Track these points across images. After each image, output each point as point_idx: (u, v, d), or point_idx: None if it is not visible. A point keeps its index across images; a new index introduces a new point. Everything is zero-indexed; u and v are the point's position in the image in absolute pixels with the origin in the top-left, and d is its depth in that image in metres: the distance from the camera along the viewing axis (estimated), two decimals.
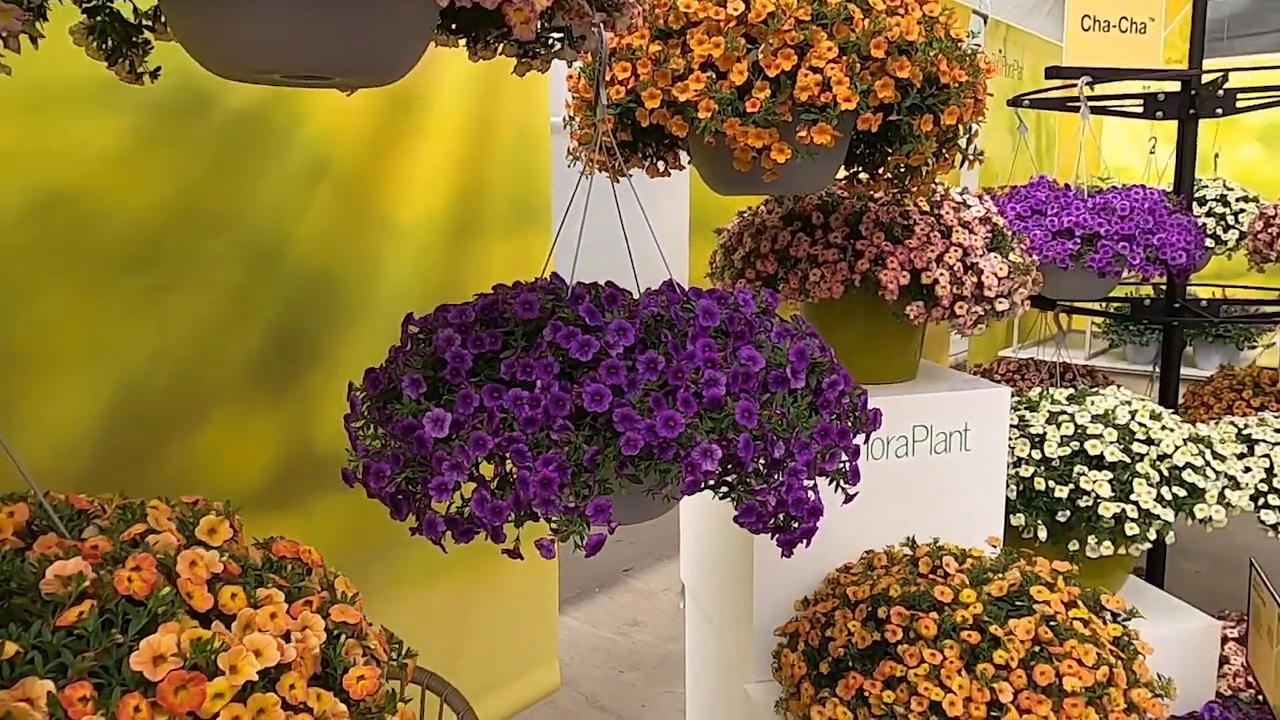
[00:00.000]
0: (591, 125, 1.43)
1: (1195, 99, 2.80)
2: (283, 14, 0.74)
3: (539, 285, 1.16)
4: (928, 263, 1.67)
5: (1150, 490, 1.88)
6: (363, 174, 1.75)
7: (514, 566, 2.18)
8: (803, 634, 1.58)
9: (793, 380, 1.09)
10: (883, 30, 1.21)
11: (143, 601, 0.65)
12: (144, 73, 0.99)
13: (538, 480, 0.95)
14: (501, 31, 0.89)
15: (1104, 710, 1.35)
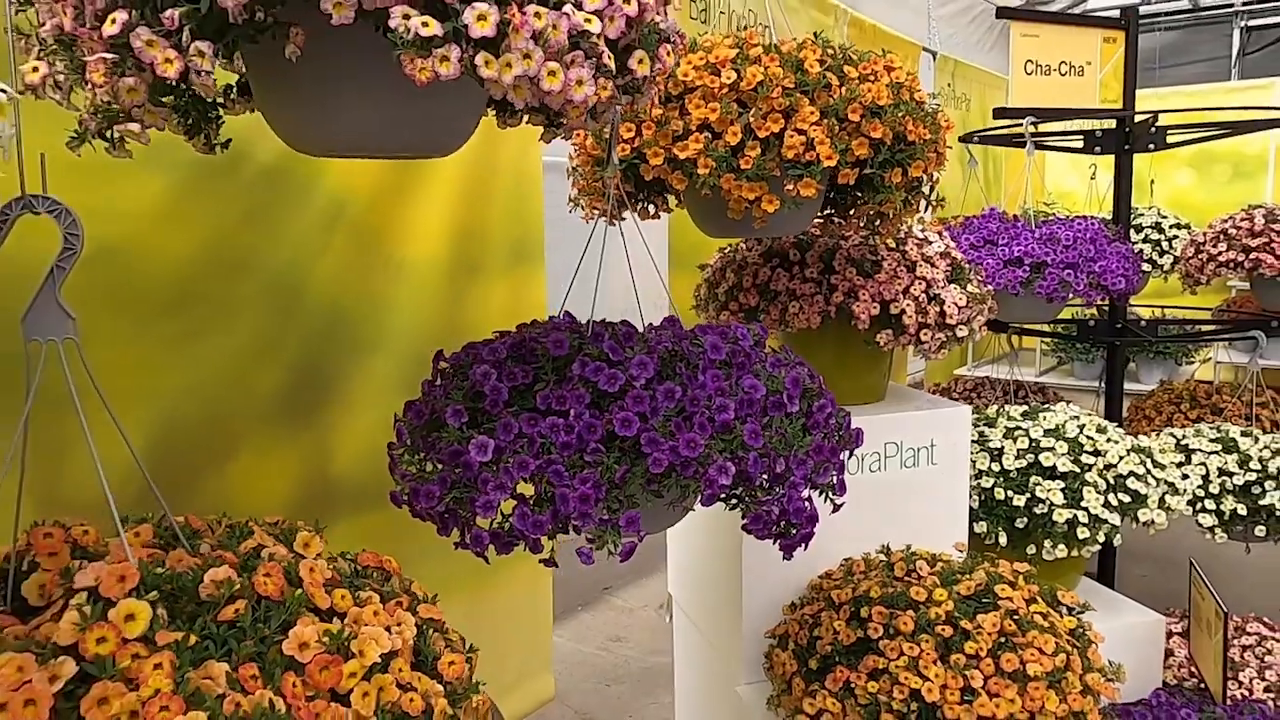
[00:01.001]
0: (597, 178, 1.59)
1: (1129, 136, 3.05)
2: (373, 112, 0.88)
3: (563, 325, 1.31)
4: (895, 295, 1.84)
5: (1098, 497, 2.06)
6: (374, 219, 1.88)
7: (511, 584, 2.31)
8: (792, 634, 1.73)
9: (789, 405, 1.24)
10: (857, 96, 1.39)
11: (278, 601, 0.78)
12: (217, 144, 1.12)
13: (577, 496, 1.09)
14: (548, 116, 1.04)
15: (1063, 692, 1.52)
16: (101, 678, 0.66)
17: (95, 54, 0.76)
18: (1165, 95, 6.59)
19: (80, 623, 0.68)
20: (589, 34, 0.82)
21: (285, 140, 0.98)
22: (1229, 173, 6.65)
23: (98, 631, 0.68)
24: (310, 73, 0.83)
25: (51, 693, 0.63)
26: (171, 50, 0.73)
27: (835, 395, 1.48)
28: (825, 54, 1.44)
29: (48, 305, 0.88)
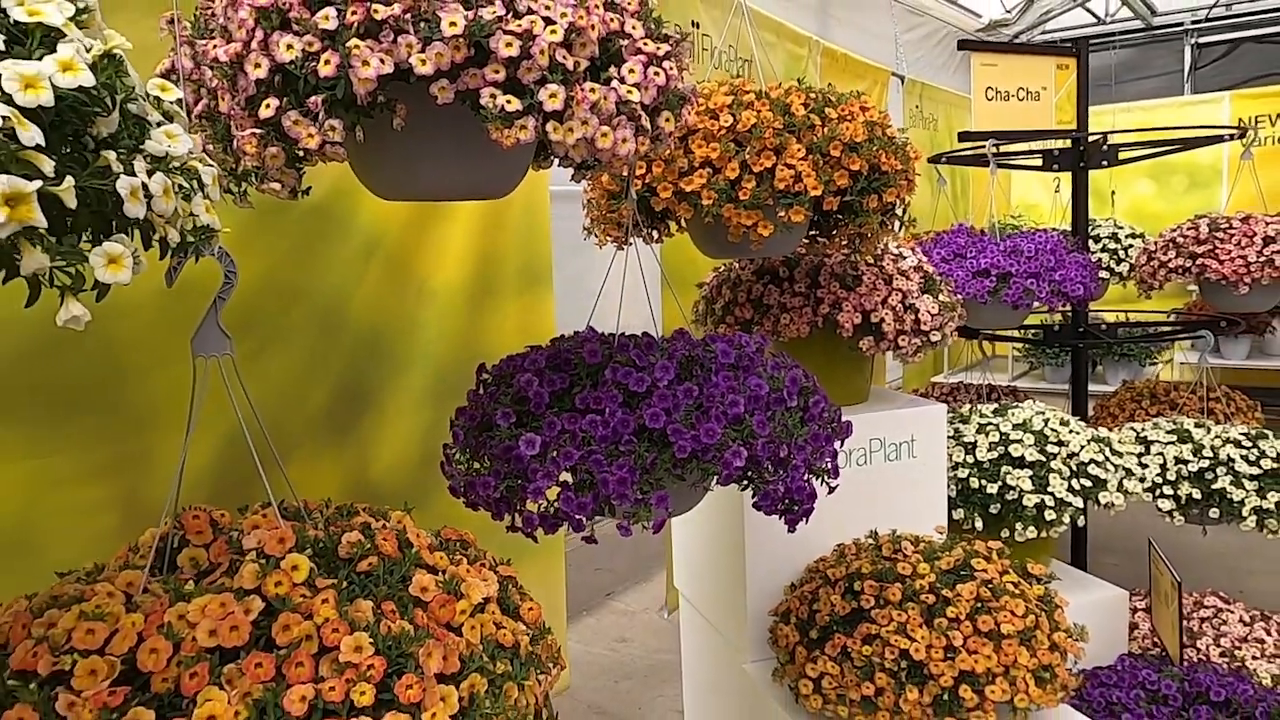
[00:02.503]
0: (611, 209, 1.80)
1: (1084, 154, 3.30)
2: (452, 165, 1.09)
3: (593, 338, 1.52)
4: (875, 305, 2.06)
5: (1063, 483, 2.29)
6: (405, 250, 2.09)
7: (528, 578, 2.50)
8: (793, 610, 1.94)
9: (789, 400, 1.45)
10: (837, 135, 1.61)
11: (396, 559, 0.98)
12: (300, 191, 1.32)
13: (615, 480, 1.29)
14: (584, 162, 1.25)
15: (1033, 649, 1.73)
16: (282, 610, 0.85)
17: (246, 129, 0.96)
18: (1122, 110, 6.92)
19: (260, 571, 0.88)
20: (630, 102, 1.03)
21: (371, 188, 1.18)
22: (1186, 182, 6.97)
23: (275, 577, 0.87)
24: (404, 137, 1.04)
25: (249, 621, 0.83)
26: (313, 127, 0.94)
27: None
28: (809, 98, 1.67)
29: (210, 328, 1.07)
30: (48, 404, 1.50)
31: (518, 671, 0.94)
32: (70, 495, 1.54)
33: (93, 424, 1.56)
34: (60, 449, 1.52)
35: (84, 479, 1.56)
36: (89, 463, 1.56)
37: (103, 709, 0.77)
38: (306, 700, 0.79)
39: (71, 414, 1.53)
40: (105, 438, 1.58)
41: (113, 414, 1.59)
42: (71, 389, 1.53)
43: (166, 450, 1.66)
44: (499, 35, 0.93)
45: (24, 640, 0.86)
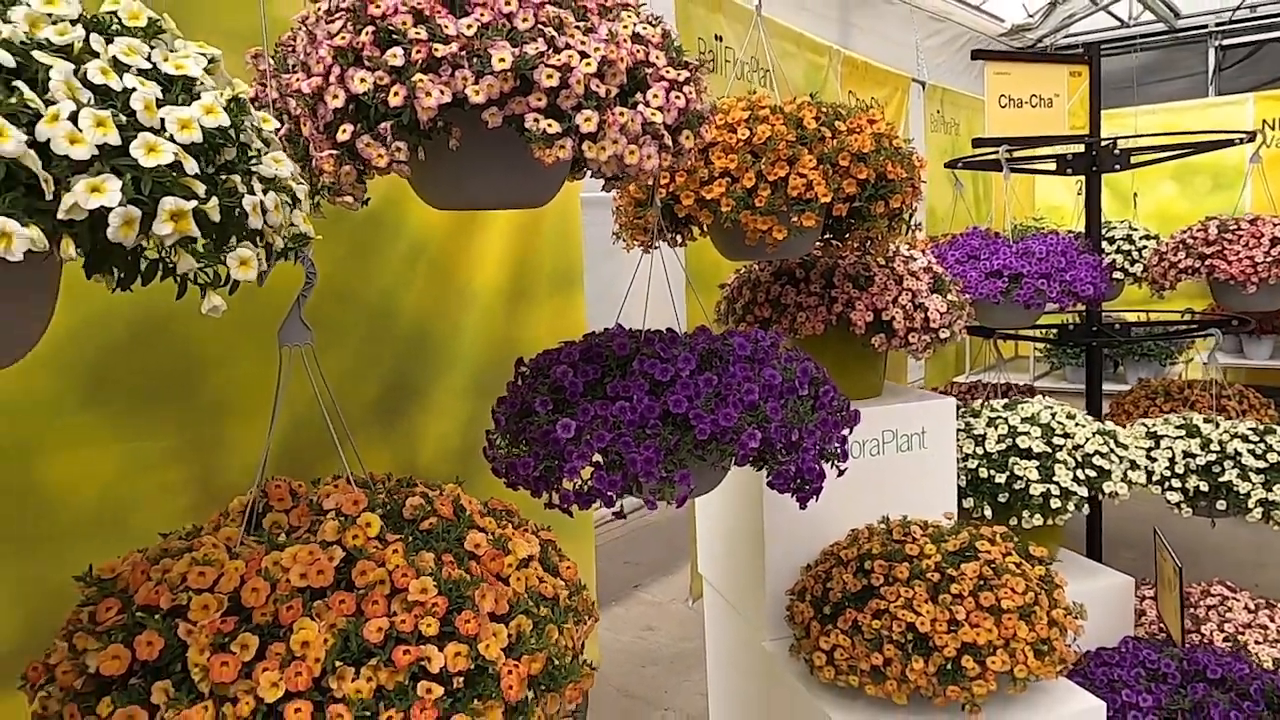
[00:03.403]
0: (638, 215, 1.95)
1: (1096, 158, 3.41)
2: (499, 179, 1.24)
3: (622, 332, 1.66)
4: (886, 304, 2.20)
5: (1068, 473, 2.41)
6: (448, 255, 2.25)
7: None
8: (808, 588, 2.07)
9: (800, 389, 1.59)
10: (846, 146, 1.75)
11: (452, 520, 1.14)
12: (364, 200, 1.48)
13: (643, 460, 1.44)
14: (616, 177, 1.40)
15: (1032, 624, 1.86)
16: (360, 559, 1.01)
17: (324, 151, 1.12)
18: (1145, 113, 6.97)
19: (340, 527, 1.03)
20: (654, 123, 1.18)
21: (426, 199, 1.34)
22: (1209, 184, 7.00)
23: (352, 531, 1.03)
24: (458, 155, 1.20)
25: (332, 567, 0.99)
26: (382, 148, 1.09)
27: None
28: (820, 111, 1.81)
29: (294, 321, 1.23)
30: (135, 393, 1.67)
31: (558, 617, 1.09)
32: (153, 476, 1.71)
33: (173, 412, 1.74)
34: (145, 434, 1.70)
35: (165, 462, 1.73)
36: (169, 447, 1.73)
37: (216, 634, 0.92)
38: (382, 630, 0.94)
39: (155, 403, 1.71)
40: (183, 424, 1.75)
41: (190, 403, 1.76)
42: (155, 380, 1.70)
43: (236, 437, 1.83)
44: (541, 68, 1.09)
45: (145, 582, 1.02)
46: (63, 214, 0.64)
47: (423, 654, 0.93)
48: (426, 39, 1.06)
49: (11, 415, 1.52)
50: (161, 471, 1.73)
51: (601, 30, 1.16)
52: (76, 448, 1.61)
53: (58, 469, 1.59)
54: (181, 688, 0.91)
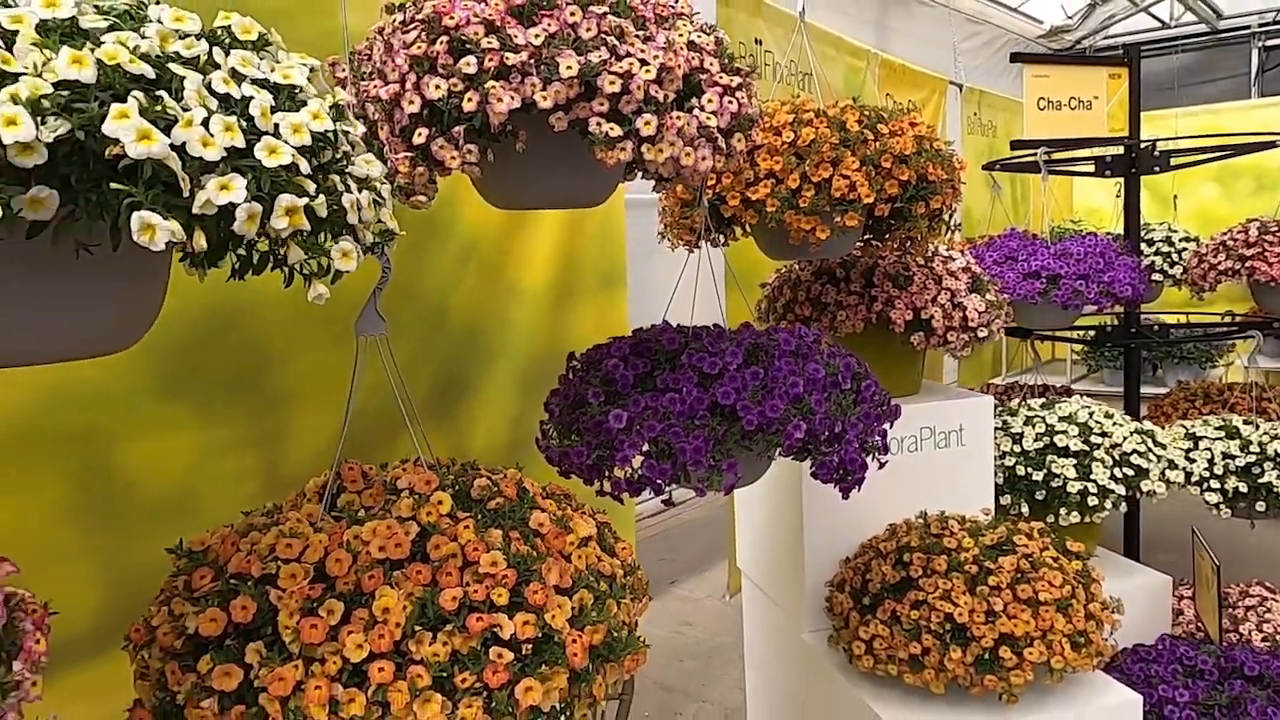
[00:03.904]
0: (684, 215, 2.02)
1: (1136, 160, 3.42)
2: (561, 180, 1.31)
3: (670, 328, 1.73)
4: (925, 303, 2.24)
5: (1106, 471, 2.43)
6: (498, 254, 2.33)
7: None
8: (848, 580, 2.12)
9: (842, 383, 1.65)
10: (888, 148, 1.80)
11: (516, 500, 1.21)
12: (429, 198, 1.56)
13: (692, 449, 1.50)
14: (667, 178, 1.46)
15: (1069, 616, 1.90)
16: (434, 533, 1.08)
17: (399, 153, 1.20)
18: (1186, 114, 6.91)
19: (414, 504, 1.11)
20: (709, 127, 1.25)
21: (488, 199, 1.41)
22: (1252, 186, 6.93)
23: (426, 508, 1.10)
24: (522, 157, 1.27)
25: (408, 540, 1.06)
26: (455, 151, 1.17)
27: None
28: (863, 115, 1.86)
29: (370, 313, 1.31)
30: (208, 384, 1.76)
31: (615, 592, 1.15)
32: (224, 463, 1.80)
33: (242, 402, 1.83)
34: (217, 423, 1.79)
35: (235, 449, 1.82)
36: (239, 436, 1.82)
37: (305, 599, 1.00)
38: (457, 599, 1.01)
39: (226, 394, 1.80)
40: (252, 415, 1.84)
41: (259, 394, 1.85)
42: (226, 372, 1.79)
43: (300, 426, 1.92)
44: (604, 75, 1.15)
45: (235, 553, 1.10)
46: (196, 209, 0.71)
47: (494, 621, 1.00)
48: (498, 48, 1.13)
49: (99, 403, 1.61)
50: (231, 458, 1.82)
51: (659, 39, 1.22)
52: (155, 435, 1.70)
53: (138, 454, 1.68)
54: (273, 648, 0.99)
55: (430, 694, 0.95)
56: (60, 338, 0.82)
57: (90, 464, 1.62)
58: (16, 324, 0.78)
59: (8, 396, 1.52)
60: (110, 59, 0.70)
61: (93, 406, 1.61)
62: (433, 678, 0.96)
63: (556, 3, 1.19)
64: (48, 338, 0.80)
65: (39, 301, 0.78)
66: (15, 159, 0.65)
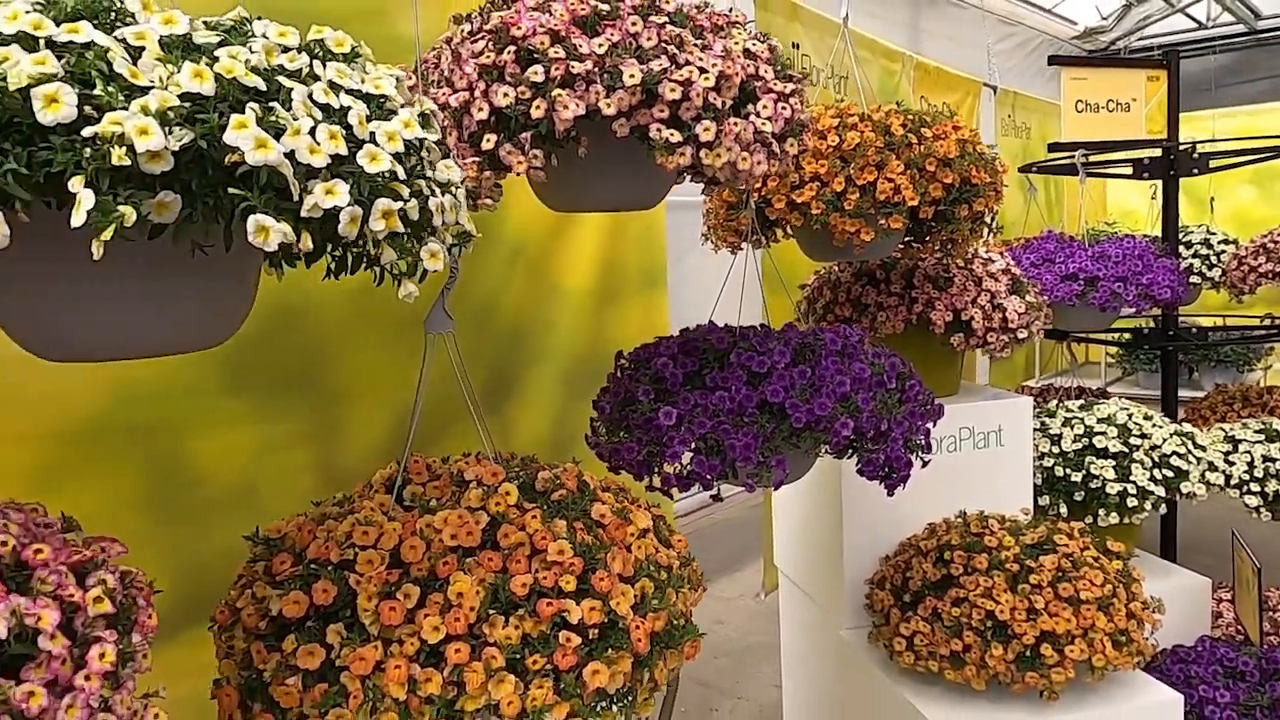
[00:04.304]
0: (729, 218, 2.05)
1: (1174, 163, 3.41)
2: (619, 184, 1.36)
3: (717, 328, 1.77)
4: (965, 305, 2.26)
5: (1145, 472, 2.44)
6: (543, 256, 2.38)
7: None
8: (888, 577, 2.15)
9: (888, 382, 1.68)
10: (932, 152, 1.83)
11: (578, 493, 1.25)
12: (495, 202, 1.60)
13: (741, 445, 1.54)
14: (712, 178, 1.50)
15: (1110, 615, 1.91)
16: (502, 523, 1.13)
17: (468, 158, 1.25)
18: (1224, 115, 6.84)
19: (483, 495, 1.16)
20: (764, 132, 1.29)
21: (546, 202, 1.46)
22: None
23: (495, 498, 1.15)
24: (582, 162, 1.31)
25: (479, 529, 1.11)
26: (521, 156, 1.22)
27: None
28: (907, 119, 1.89)
29: (438, 311, 1.36)
30: (269, 381, 1.83)
31: (674, 582, 1.19)
32: (283, 458, 1.86)
33: (300, 399, 1.89)
34: (276, 419, 1.85)
35: (293, 444, 1.88)
36: (297, 431, 1.88)
37: (384, 584, 1.05)
38: (527, 585, 1.06)
39: (285, 390, 1.86)
40: (309, 410, 1.90)
41: (316, 391, 1.91)
42: (286, 369, 1.86)
43: (355, 422, 1.98)
44: (665, 83, 1.20)
45: (312, 540, 1.15)
46: (305, 212, 0.76)
47: (563, 607, 1.05)
48: (564, 57, 1.18)
49: (166, 398, 1.68)
50: (290, 453, 1.88)
51: (716, 47, 1.26)
52: (219, 429, 1.76)
53: (203, 448, 1.75)
54: (352, 630, 1.04)
55: (504, 674, 0.99)
56: (173, 332, 0.87)
57: (159, 457, 1.69)
58: (134, 320, 0.84)
59: (84, 393, 1.58)
60: (228, 73, 0.75)
61: (161, 402, 1.68)
62: (506, 659, 1.00)
63: (619, 13, 1.24)
64: (163, 332, 0.86)
65: (156, 299, 0.83)
66: (145, 166, 0.71)
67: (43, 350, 0.88)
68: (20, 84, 0.68)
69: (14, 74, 0.68)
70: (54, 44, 0.73)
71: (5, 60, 0.70)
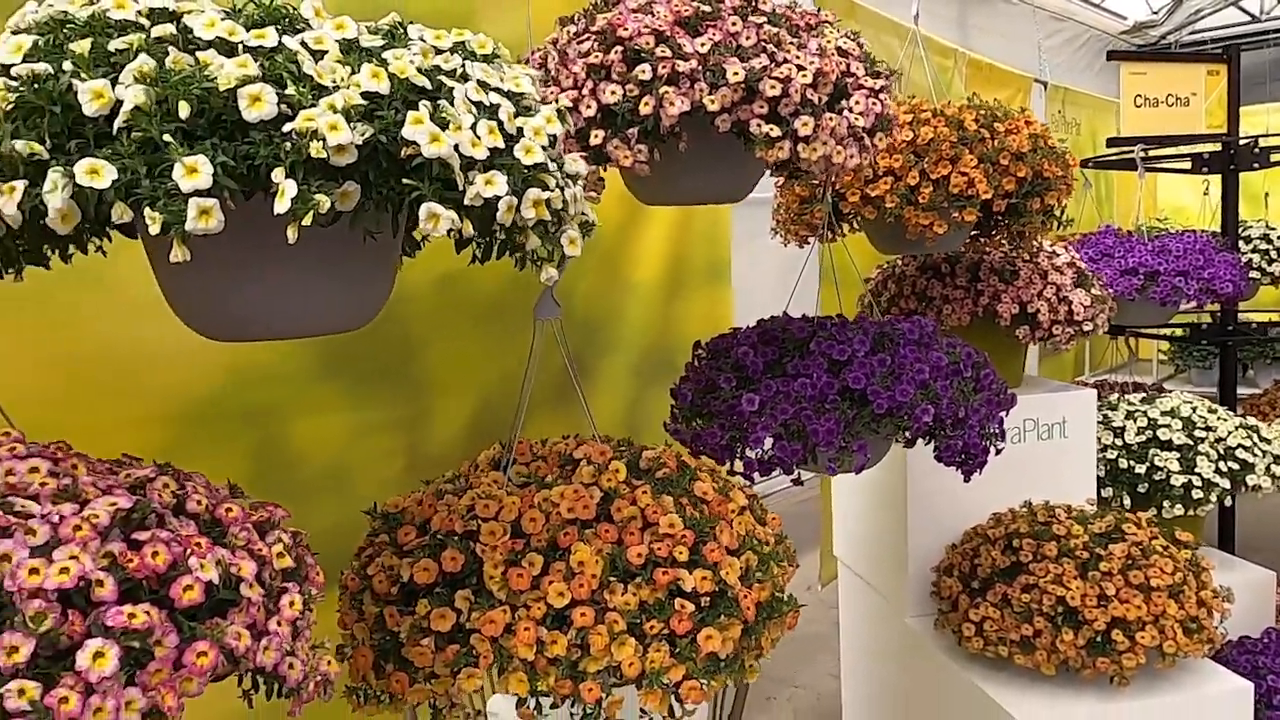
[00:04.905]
0: (801, 212, 2.11)
1: (1234, 157, 3.40)
2: (705, 179, 1.42)
3: (795, 319, 1.82)
4: (1032, 297, 2.30)
5: (1210, 464, 2.45)
6: (615, 249, 2.45)
7: None
8: (955, 564, 2.19)
9: (964, 371, 1.72)
10: (1006, 146, 1.87)
11: (679, 471, 1.31)
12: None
13: (824, 430, 1.59)
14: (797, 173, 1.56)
15: (1181, 602, 1.94)
16: (615, 498, 1.19)
17: (571, 151, 1.31)
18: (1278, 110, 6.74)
19: (595, 472, 1.22)
20: (856, 127, 1.34)
21: (638, 195, 1.53)
22: None
23: (606, 474, 1.21)
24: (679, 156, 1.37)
25: (594, 503, 1.17)
26: (628, 151, 1.28)
27: None
28: (979, 114, 1.93)
29: (547, 299, 1.43)
30: (362, 368, 1.91)
31: (773, 555, 1.25)
32: (374, 442, 1.94)
33: (390, 387, 1.97)
34: (368, 405, 1.93)
35: (384, 430, 1.96)
36: (387, 417, 1.96)
37: (510, 552, 1.12)
38: (642, 556, 1.12)
39: (377, 378, 1.94)
40: (399, 398, 1.98)
41: (404, 379, 1.99)
42: (377, 357, 1.94)
43: (441, 409, 2.06)
44: (766, 80, 1.25)
45: (435, 513, 1.22)
46: (467, 201, 0.83)
47: (678, 575, 1.11)
48: (670, 56, 1.24)
49: (269, 383, 1.76)
50: (379, 439, 1.97)
51: (811, 45, 1.32)
52: (316, 415, 1.85)
53: (302, 431, 1.83)
54: (479, 595, 1.11)
55: (625, 637, 1.06)
56: (327, 314, 0.95)
57: (265, 440, 1.78)
58: (299, 302, 0.91)
59: (200, 378, 1.67)
60: (400, 73, 0.82)
61: (268, 387, 1.76)
62: (627, 623, 1.07)
63: (719, 13, 1.30)
64: (319, 313, 0.93)
65: (321, 283, 0.91)
66: (333, 159, 0.78)
67: (212, 329, 0.96)
68: (229, 85, 0.76)
69: (223, 76, 0.76)
70: (247, 48, 0.80)
71: (208, 65, 0.78)
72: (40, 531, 0.68)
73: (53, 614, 0.64)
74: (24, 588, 0.63)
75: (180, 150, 0.73)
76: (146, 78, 0.74)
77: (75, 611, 0.65)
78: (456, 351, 2.09)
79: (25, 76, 0.74)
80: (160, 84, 0.75)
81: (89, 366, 1.54)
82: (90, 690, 0.63)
